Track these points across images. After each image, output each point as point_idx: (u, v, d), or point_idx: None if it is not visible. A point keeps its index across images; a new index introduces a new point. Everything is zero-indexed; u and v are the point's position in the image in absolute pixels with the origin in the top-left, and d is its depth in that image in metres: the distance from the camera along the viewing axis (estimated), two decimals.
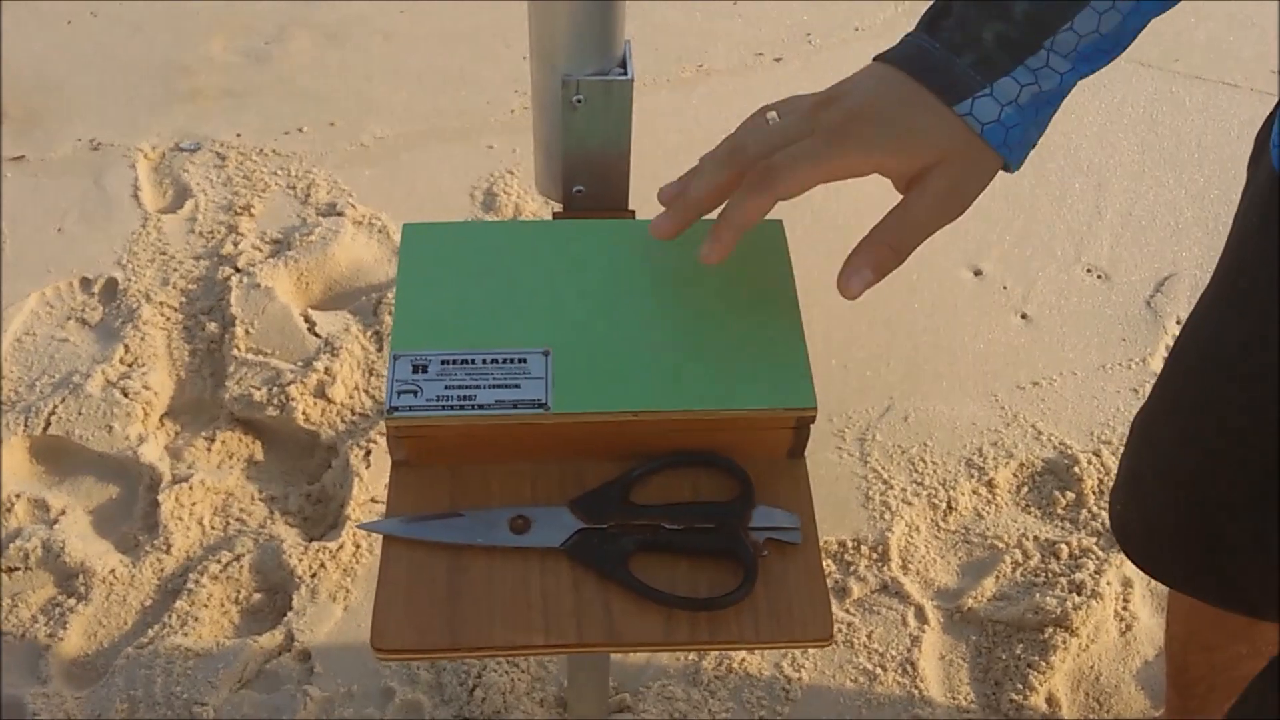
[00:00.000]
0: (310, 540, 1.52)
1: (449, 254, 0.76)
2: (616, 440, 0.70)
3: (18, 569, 1.50)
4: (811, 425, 0.70)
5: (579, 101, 0.70)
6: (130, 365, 1.72)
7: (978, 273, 1.87)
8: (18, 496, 1.56)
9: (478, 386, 0.69)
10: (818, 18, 2.39)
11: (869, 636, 1.42)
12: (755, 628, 0.64)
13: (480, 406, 0.69)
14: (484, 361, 0.70)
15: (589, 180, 0.76)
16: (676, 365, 0.71)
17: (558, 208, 0.82)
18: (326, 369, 1.68)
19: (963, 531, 1.53)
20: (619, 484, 0.69)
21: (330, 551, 1.49)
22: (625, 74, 0.70)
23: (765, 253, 0.76)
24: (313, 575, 1.47)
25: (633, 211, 0.81)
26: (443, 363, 0.70)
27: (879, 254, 0.65)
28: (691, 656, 1.41)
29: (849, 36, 2.34)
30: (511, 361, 0.70)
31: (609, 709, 1.36)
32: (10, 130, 2.14)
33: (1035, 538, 1.50)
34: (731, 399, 0.69)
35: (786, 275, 0.76)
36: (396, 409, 0.69)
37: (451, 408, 0.69)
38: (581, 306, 0.73)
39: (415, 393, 0.69)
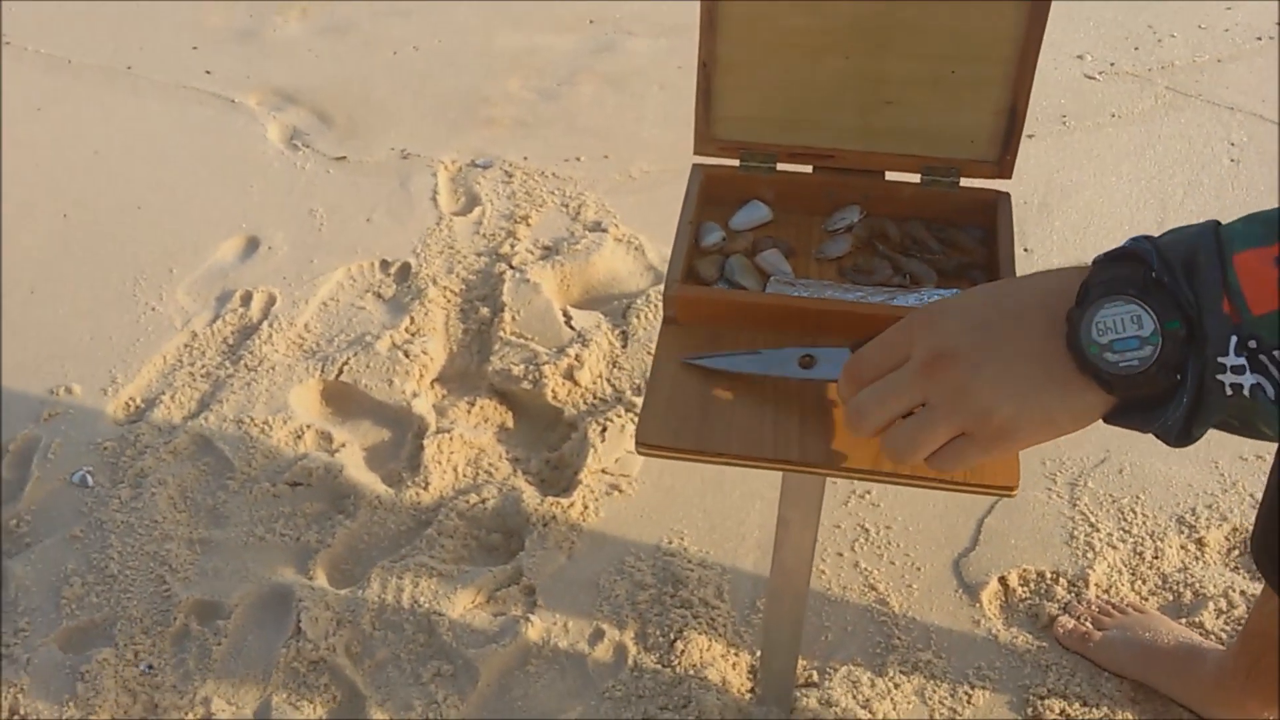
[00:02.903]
0: (546, 496, 1.69)
1: None
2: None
3: (301, 484, 1.74)
4: None
5: None
6: (413, 334, 1.97)
7: None
8: (308, 427, 1.82)
9: None
10: (1074, 99, 2.47)
11: (1056, 662, 1.46)
12: (952, 474, 0.75)
13: None
14: None
15: None
16: None
17: None
18: (577, 356, 1.87)
19: (1166, 578, 1.55)
20: None
21: (562, 507, 1.66)
22: None
23: None
24: (544, 525, 1.65)
25: None
26: None
27: None
28: (880, 650, 1.49)
29: (1105, 121, 2.41)
30: None
31: (797, 680, 1.45)
32: (335, 136, 2.48)
33: (1242, 591, 1.50)
34: None
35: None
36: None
37: None
38: None
39: None
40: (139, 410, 1.86)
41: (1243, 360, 0.54)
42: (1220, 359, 0.54)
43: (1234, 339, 0.54)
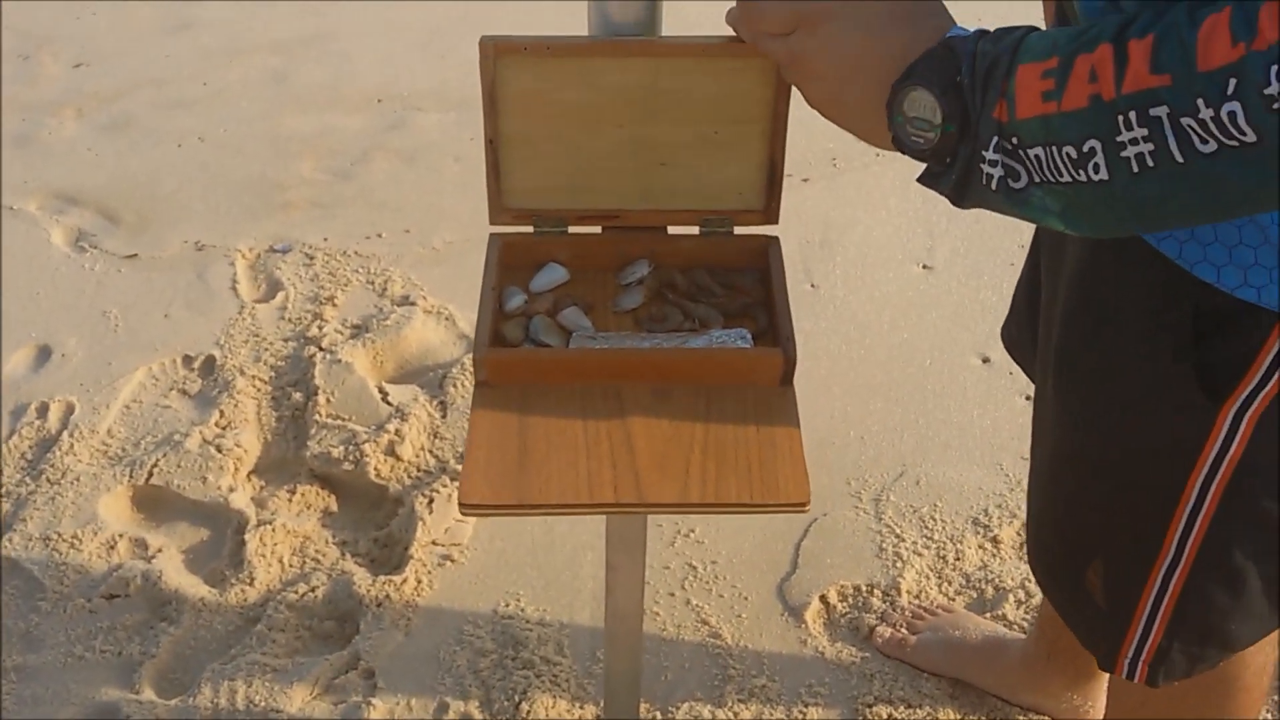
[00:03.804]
0: (377, 576, 1.69)
1: None
2: None
3: (118, 596, 1.68)
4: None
5: None
6: (224, 428, 1.93)
7: (986, 360, 2.05)
8: (120, 536, 1.76)
9: None
10: (841, 143, 2.65)
11: (879, 670, 1.56)
12: (750, 498, 0.82)
13: None
14: None
15: None
16: None
17: None
18: (397, 431, 1.88)
19: (968, 578, 1.68)
20: None
21: (395, 584, 1.66)
22: None
23: None
24: (378, 605, 1.64)
25: None
26: None
27: None
28: (717, 682, 1.55)
29: (870, 161, 2.59)
30: None
31: None
32: (123, 234, 2.42)
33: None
34: None
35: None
36: None
37: None
38: None
39: None
40: None
41: (999, 156, 0.68)
42: (983, 152, 0.69)
43: (996, 139, 0.68)
